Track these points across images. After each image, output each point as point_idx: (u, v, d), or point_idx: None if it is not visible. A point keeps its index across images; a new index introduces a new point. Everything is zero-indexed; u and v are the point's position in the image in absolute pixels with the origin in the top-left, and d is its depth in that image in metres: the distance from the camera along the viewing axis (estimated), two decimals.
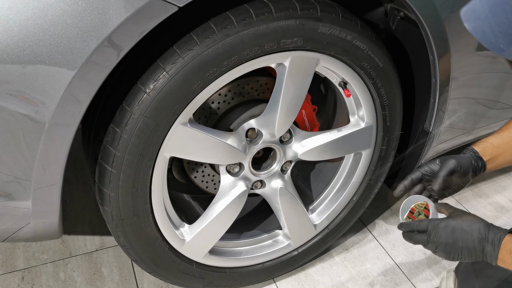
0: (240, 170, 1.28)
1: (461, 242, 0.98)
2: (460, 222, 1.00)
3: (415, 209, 1.12)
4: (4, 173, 0.92)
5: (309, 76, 1.18)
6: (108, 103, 1.06)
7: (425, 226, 1.03)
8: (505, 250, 0.94)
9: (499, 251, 0.95)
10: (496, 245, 0.95)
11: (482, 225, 0.98)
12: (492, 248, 0.96)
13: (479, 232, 0.97)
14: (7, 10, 0.78)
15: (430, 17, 1.15)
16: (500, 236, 0.95)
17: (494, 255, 0.95)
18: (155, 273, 1.30)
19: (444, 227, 1.00)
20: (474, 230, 0.98)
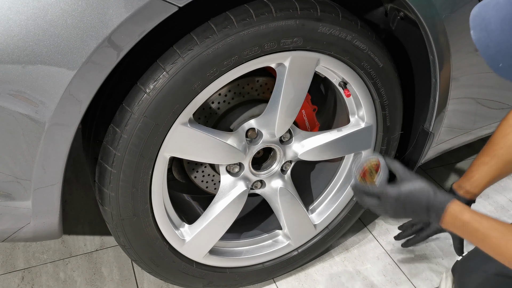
0: (240, 170, 1.28)
1: (410, 209, 1.05)
2: (410, 190, 1.04)
3: (367, 168, 1.16)
4: (4, 173, 0.92)
5: (309, 76, 1.18)
6: (108, 103, 1.06)
7: (378, 192, 1.09)
8: (447, 219, 1.01)
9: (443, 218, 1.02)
10: (441, 212, 1.02)
11: (431, 193, 1.03)
12: (437, 214, 1.03)
13: (427, 200, 1.03)
14: (7, 10, 0.78)
15: (430, 17, 1.15)
16: (445, 204, 1.02)
17: (439, 220, 1.03)
18: (155, 273, 1.30)
19: (396, 196, 1.05)
20: (423, 199, 1.03)
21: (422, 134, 1.43)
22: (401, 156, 1.54)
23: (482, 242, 0.99)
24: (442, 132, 1.44)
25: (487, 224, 0.97)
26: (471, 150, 2.25)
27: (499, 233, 0.95)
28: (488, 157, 1.24)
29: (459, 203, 1.03)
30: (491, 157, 1.23)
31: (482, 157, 1.26)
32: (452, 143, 1.59)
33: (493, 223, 0.98)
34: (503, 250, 0.94)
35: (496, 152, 1.22)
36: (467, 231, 1.00)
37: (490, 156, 1.24)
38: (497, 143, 1.22)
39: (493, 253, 0.97)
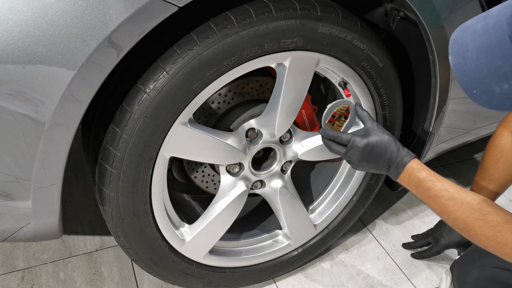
0: (240, 170, 1.28)
1: (373, 160, 1.11)
2: (377, 142, 1.10)
3: (337, 113, 1.19)
4: (4, 173, 0.92)
5: (309, 76, 1.18)
6: (108, 103, 1.06)
7: (345, 141, 1.13)
8: (405, 174, 1.08)
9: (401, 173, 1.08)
10: (399, 168, 1.08)
11: (394, 147, 1.09)
12: (396, 169, 1.09)
13: (391, 154, 1.09)
14: (7, 10, 0.78)
15: (430, 17, 1.15)
16: (405, 161, 1.08)
17: (396, 176, 1.09)
18: (155, 273, 1.30)
19: (362, 147, 1.10)
20: (387, 152, 1.09)
21: (422, 134, 1.43)
22: None
23: (433, 201, 1.04)
24: (442, 132, 1.44)
25: (440, 185, 1.03)
26: (471, 150, 2.25)
27: (449, 195, 1.01)
28: (486, 181, 1.31)
29: (419, 162, 1.08)
30: (488, 181, 1.31)
31: (480, 182, 1.33)
32: (452, 143, 1.59)
33: (446, 185, 1.03)
34: (449, 210, 1.00)
35: (493, 176, 1.29)
36: (421, 189, 1.05)
37: (488, 181, 1.31)
38: (491, 168, 1.29)
39: (441, 211, 1.03)
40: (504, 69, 0.70)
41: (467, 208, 0.99)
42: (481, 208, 0.98)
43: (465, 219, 0.98)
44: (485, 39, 0.73)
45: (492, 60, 0.72)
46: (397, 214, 1.84)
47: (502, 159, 1.26)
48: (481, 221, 0.97)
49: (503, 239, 0.94)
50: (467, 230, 0.99)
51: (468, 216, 0.98)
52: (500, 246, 0.95)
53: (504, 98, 0.72)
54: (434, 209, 1.04)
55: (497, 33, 0.71)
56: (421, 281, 1.58)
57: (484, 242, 0.97)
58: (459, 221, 0.99)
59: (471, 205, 0.99)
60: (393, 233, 1.76)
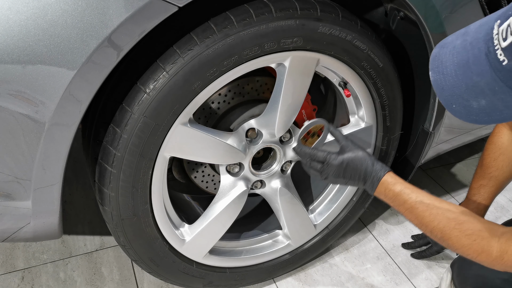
0: (240, 170, 1.28)
1: (348, 175, 1.13)
2: (351, 158, 1.12)
3: (311, 130, 1.22)
4: (4, 173, 0.92)
5: (309, 76, 1.18)
6: (108, 103, 1.06)
7: (322, 158, 1.15)
8: (381, 188, 1.09)
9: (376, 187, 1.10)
10: (375, 182, 1.10)
11: (369, 163, 1.11)
12: (371, 183, 1.10)
13: (365, 168, 1.11)
14: (7, 10, 0.78)
15: (430, 17, 1.15)
16: (380, 175, 1.09)
17: (372, 189, 1.11)
18: (155, 273, 1.30)
19: (338, 164, 1.13)
20: (362, 167, 1.11)
21: (422, 134, 1.43)
22: (401, 156, 1.54)
23: (409, 213, 1.05)
24: (442, 132, 1.44)
25: (415, 197, 1.04)
26: (471, 150, 2.25)
27: (424, 206, 1.02)
28: (485, 179, 1.32)
29: (393, 175, 1.10)
30: (488, 179, 1.31)
31: (479, 181, 1.33)
32: (452, 143, 1.59)
33: (421, 197, 1.04)
34: (426, 221, 1.02)
35: (492, 174, 1.30)
36: (397, 202, 1.07)
37: (487, 179, 1.31)
38: (490, 166, 1.30)
39: (418, 222, 1.04)
40: (481, 85, 0.72)
41: (443, 218, 1.00)
42: (456, 217, 0.99)
43: (441, 228, 0.99)
44: (463, 56, 0.75)
45: (469, 76, 0.73)
46: (397, 214, 1.84)
47: (501, 156, 1.27)
48: (457, 230, 0.98)
49: (479, 247, 0.95)
50: (445, 240, 1.00)
51: (444, 225, 0.99)
52: (477, 254, 0.96)
53: (482, 112, 0.74)
54: (412, 220, 1.06)
55: (474, 50, 0.73)
56: (421, 281, 1.58)
57: (462, 250, 0.98)
58: (436, 231, 1.00)
59: (446, 214, 1.00)
60: (393, 233, 1.76)
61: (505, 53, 0.68)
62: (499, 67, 0.69)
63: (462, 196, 1.94)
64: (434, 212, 1.01)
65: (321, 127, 1.23)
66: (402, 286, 1.56)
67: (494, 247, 0.93)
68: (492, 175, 1.30)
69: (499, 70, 0.69)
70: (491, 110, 0.73)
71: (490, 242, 0.94)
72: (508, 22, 0.67)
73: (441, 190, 2.00)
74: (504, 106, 0.71)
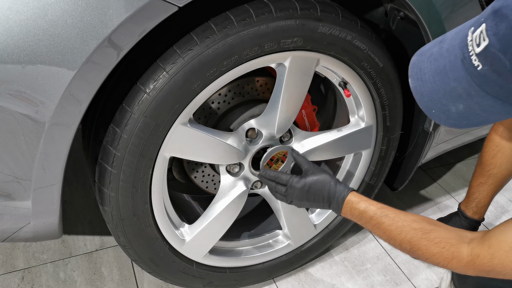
0: (240, 170, 1.28)
1: (313, 199, 1.15)
2: (314, 180, 1.15)
3: (275, 157, 1.26)
4: (4, 173, 0.92)
5: (309, 76, 1.18)
6: (108, 103, 1.06)
7: (285, 181, 1.18)
8: (346, 208, 1.11)
9: (342, 207, 1.12)
10: (340, 202, 1.12)
11: (332, 184, 1.13)
12: (336, 204, 1.12)
13: (328, 191, 1.13)
14: (7, 10, 0.78)
15: (430, 17, 1.15)
16: (344, 195, 1.11)
17: (338, 210, 1.13)
18: (155, 273, 1.30)
19: (301, 187, 1.15)
20: (325, 190, 1.13)
21: (422, 134, 1.43)
22: (401, 156, 1.54)
23: (377, 228, 1.06)
24: (442, 132, 1.44)
25: (380, 213, 1.06)
26: (471, 150, 2.25)
27: (390, 220, 1.04)
28: (484, 177, 1.33)
29: (357, 194, 1.12)
30: (487, 177, 1.33)
31: (479, 179, 1.35)
32: (452, 143, 1.59)
33: (385, 211, 1.06)
34: (393, 234, 1.03)
35: (491, 171, 1.32)
36: (364, 219, 1.09)
37: (486, 176, 1.33)
38: (489, 163, 1.32)
39: (386, 237, 1.05)
40: (458, 90, 0.75)
41: (409, 229, 1.01)
42: (422, 227, 1.00)
43: (409, 240, 1.00)
44: (440, 63, 0.78)
45: (447, 82, 0.76)
46: None
47: (499, 154, 1.28)
48: (425, 240, 0.98)
49: (449, 254, 0.95)
50: (414, 251, 1.00)
51: (411, 236, 1.00)
52: (448, 261, 0.96)
53: (460, 116, 0.77)
54: (381, 236, 1.06)
55: (450, 56, 0.76)
56: (421, 281, 1.58)
57: (432, 259, 0.98)
58: (404, 243, 1.01)
59: (412, 225, 1.01)
60: None
61: (479, 59, 0.70)
62: (474, 72, 0.72)
63: (462, 196, 1.94)
64: (400, 225, 1.02)
65: (284, 153, 1.26)
66: (402, 286, 1.56)
67: (464, 252, 0.94)
68: (490, 173, 1.30)
69: (474, 75, 0.72)
70: (469, 114, 0.76)
71: (460, 248, 0.95)
72: (481, 29, 0.70)
73: (441, 190, 2.00)
74: (480, 110, 0.74)
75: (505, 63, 0.67)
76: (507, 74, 0.68)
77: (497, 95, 0.71)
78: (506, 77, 0.68)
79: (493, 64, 0.69)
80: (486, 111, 0.74)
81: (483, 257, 0.91)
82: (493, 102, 0.72)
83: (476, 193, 1.35)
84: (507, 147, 1.27)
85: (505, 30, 0.66)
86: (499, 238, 0.90)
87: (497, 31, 0.67)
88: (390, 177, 1.59)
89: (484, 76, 0.71)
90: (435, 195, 1.97)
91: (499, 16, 0.67)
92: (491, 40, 0.68)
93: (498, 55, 0.67)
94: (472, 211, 1.37)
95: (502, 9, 0.67)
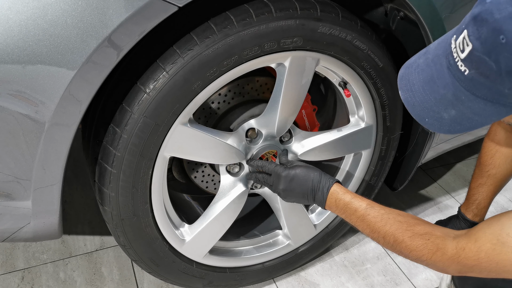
0: (240, 170, 1.28)
1: (298, 189, 1.14)
2: (298, 172, 1.15)
3: (264, 156, 1.26)
4: (4, 173, 0.92)
5: (309, 76, 1.18)
6: (108, 103, 1.06)
7: (270, 170, 1.19)
8: (331, 199, 1.10)
9: (327, 198, 1.11)
10: (325, 193, 1.11)
11: (316, 175, 1.13)
12: (321, 195, 1.12)
13: (312, 182, 1.13)
14: (7, 10, 0.78)
15: (430, 17, 1.15)
16: (329, 185, 1.11)
17: (323, 201, 1.12)
18: (155, 273, 1.30)
19: (285, 176, 1.15)
20: (309, 179, 1.13)
21: (422, 134, 1.43)
22: (401, 156, 1.54)
23: (361, 221, 1.06)
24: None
25: (365, 205, 1.06)
26: (471, 150, 2.25)
27: (375, 212, 1.04)
28: (484, 178, 1.32)
29: (341, 186, 1.12)
30: (486, 177, 1.32)
31: (478, 179, 1.34)
32: (452, 143, 1.59)
33: (371, 204, 1.06)
34: (378, 226, 1.02)
35: (490, 172, 1.31)
36: (348, 211, 1.08)
37: (485, 177, 1.32)
38: (488, 164, 1.31)
39: (370, 230, 1.04)
40: (449, 97, 0.77)
41: (394, 221, 1.01)
42: (407, 220, 1.01)
43: (393, 232, 1.00)
44: (427, 73, 0.80)
45: (436, 90, 0.78)
46: None
47: (497, 154, 1.28)
48: (410, 232, 0.98)
49: (433, 246, 0.95)
50: (398, 243, 0.99)
51: (396, 228, 1.00)
52: (432, 253, 0.95)
53: (454, 122, 0.79)
54: (364, 229, 1.06)
55: (436, 66, 0.79)
56: (421, 281, 1.58)
57: (415, 253, 0.97)
58: (388, 235, 1.01)
59: (397, 219, 1.01)
60: None
61: (465, 64, 0.72)
62: (462, 77, 0.74)
63: (462, 196, 1.94)
64: (386, 217, 1.02)
65: (274, 153, 1.27)
66: (402, 286, 1.56)
67: (449, 245, 0.93)
68: (490, 173, 1.30)
69: (462, 81, 0.74)
70: (461, 119, 0.78)
71: (445, 240, 0.95)
72: (463, 35, 0.72)
73: (441, 190, 2.00)
74: (472, 114, 0.76)
75: (491, 65, 0.69)
76: (494, 76, 0.70)
77: (486, 97, 0.73)
78: (493, 79, 0.70)
79: (479, 67, 0.70)
80: (478, 114, 0.75)
81: (469, 250, 0.90)
82: (483, 104, 0.74)
83: (476, 195, 1.35)
84: (506, 147, 1.27)
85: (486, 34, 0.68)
86: (486, 231, 0.90)
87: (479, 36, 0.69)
88: (390, 177, 1.59)
89: (472, 80, 0.73)
90: (435, 195, 1.97)
91: (479, 21, 0.69)
92: (474, 45, 0.70)
93: (483, 57, 0.69)
94: (473, 213, 1.37)
95: (482, 14, 0.69)
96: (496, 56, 0.68)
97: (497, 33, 0.67)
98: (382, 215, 1.03)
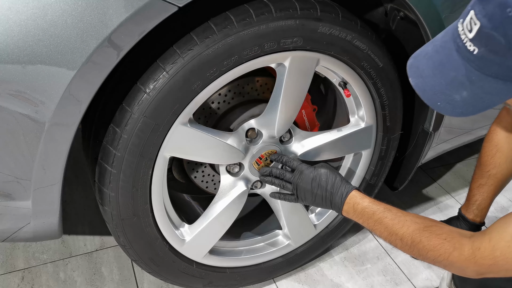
0: (240, 170, 1.28)
1: (317, 190, 1.15)
2: (321, 173, 1.16)
3: (264, 155, 1.26)
4: (4, 173, 0.92)
5: (309, 76, 1.18)
6: (108, 103, 1.06)
7: (295, 165, 1.20)
8: (349, 204, 1.11)
9: (344, 204, 1.12)
10: (343, 198, 1.12)
11: (338, 179, 1.15)
12: (339, 200, 1.13)
13: (332, 185, 1.14)
14: (7, 10, 0.78)
15: (430, 17, 1.15)
16: (347, 191, 1.12)
17: (340, 207, 1.13)
18: (155, 273, 1.30)
19: (309, 172, 1.16)
20: (330, 182, 1.14)
21: (422, 134, 1.43)
22: (401, 156, 1.54)
23: (379, 224, 1.07)
24: (442, 132, 1.44)
25: (382, 208, 1.07)
26: (471, 150, 2.25)
27: (392, 215, 1.05)
28: (484, 178, 1.33)
29: (360, 192, 1.13)
30: (486, 178, 1.33)
31: (478, 180, 1.35)
32: (452, 143, 1.59)
33: (388, 207, 1.08)
34: (395, 228, 1.03)
35: (490, 172, 1.32)
36: (366, 215, 1.09)
37: (486, 177, 1.33)
38: (488, 164, 1.32)
39: (388, 233, 1.05)
40: (459, 78, 0.77)
41: (411, 223, 1.02)
42: (424, 222, 1.02)
43: (411, 233, 1.01)
44: (436, 58, 0.81)
45: (446, 73, 0.79)
46: None
47: (497, 153, 1.28)
48: (427, 232, 0.99)
49: (450, 246, 0.96)
50: (415, 244, 1.00)
51: (413, 229, 1.01)
52: (449, 253, 0.95)
53: (466, 104, 0.79)
54: (381, 232, 1.07)
55: (445, 50, 0.80)
56: (421, 281, 1.58)
57: (432, 253, 0.98)
58: (406, 237, 1.02)
59: (414, 220, 1.03)
60: None
61: (474, 43, 0.73)
62: (471, 57, 0.74)
63: (462, 196, 1.94)
64: (403, 219, 1.03)
65: (273, 153, 1.27)
66: (402, 286, 1.56)
67: (466, 245, 0.94)
68: (490, 173, 1.30)
69: (471, 61, 0.75)
70: (473, 100, 0.78)
71: (461, 240, 0.95)
72: (470, 16, 0.73)
73: (441, 190, 2.00)
74: (484, 93, 0.76)
75: (500, 40, 0.69)
76: (503, 51, 0.70)
77: (497, 75, 0.73)
78: (503, 54, 0.71)
79: (488, 44, 0.71)
80: (489, 93, 0.76)
81: (484, 249, 0.91)
82: (494, 83, 0.74)
83: (476, 195, 1.35)
84: (506, 147, 1.27)
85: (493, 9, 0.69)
86: (500, 230, 0.91)
87: (486, 13, 0.70)
88: (390, 177, 1.59)
89: (482, 59, 0.73)
90: (435, 195, 1.97)
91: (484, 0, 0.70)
92: (482, 22, 0.71)
93: (492, 33, 0.70)
94: (473, 214, 1.37)
95: None
96: (504, 29, 0.68)
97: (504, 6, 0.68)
98: (399, 218, 1.04)
